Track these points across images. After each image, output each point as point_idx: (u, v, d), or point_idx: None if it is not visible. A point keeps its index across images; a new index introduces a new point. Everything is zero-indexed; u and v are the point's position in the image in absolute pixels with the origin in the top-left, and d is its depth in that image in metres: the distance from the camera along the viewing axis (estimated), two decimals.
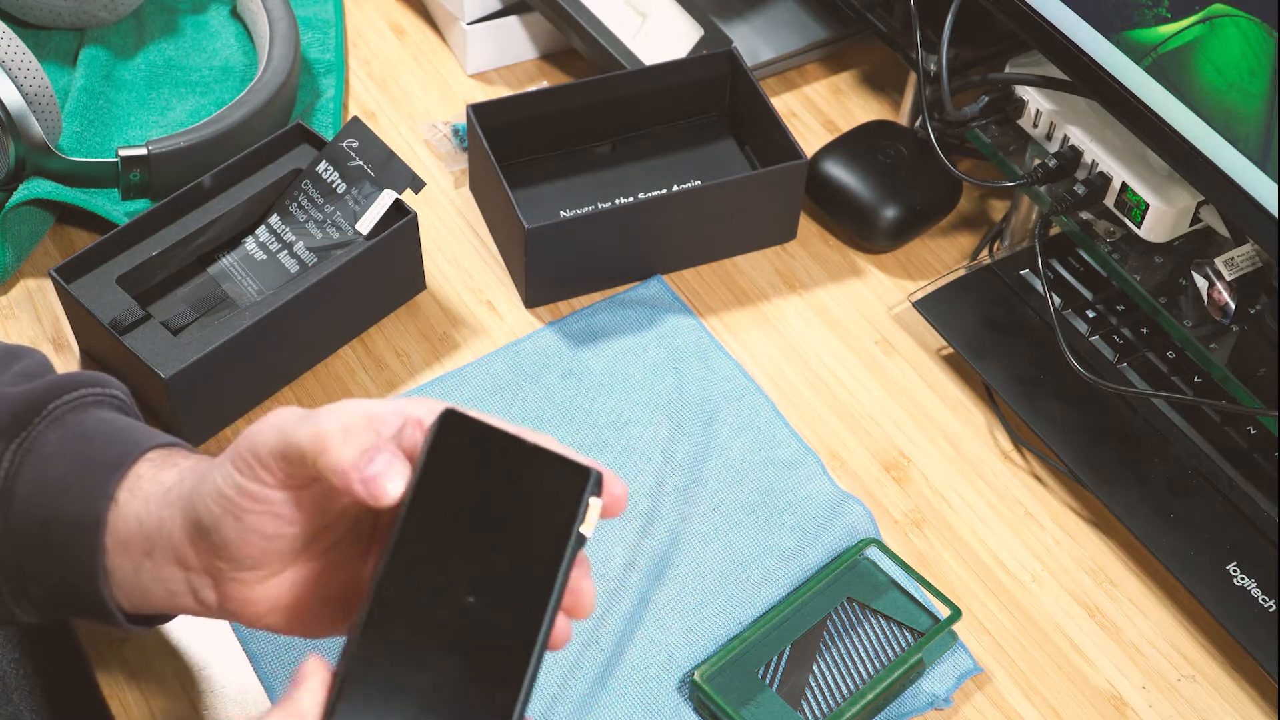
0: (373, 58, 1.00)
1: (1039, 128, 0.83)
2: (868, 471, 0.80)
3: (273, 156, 0.85)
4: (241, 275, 0.82)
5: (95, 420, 0.60)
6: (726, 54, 0.93)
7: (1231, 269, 0.76)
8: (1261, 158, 0.68)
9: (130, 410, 0.64)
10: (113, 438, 0.59)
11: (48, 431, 0.59)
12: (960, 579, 0.76)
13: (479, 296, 0.87)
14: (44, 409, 0.60)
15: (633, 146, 0.93)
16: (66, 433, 0.59)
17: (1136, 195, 0.78)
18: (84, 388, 0.61)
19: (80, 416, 0.60)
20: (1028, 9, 0.79)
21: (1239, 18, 0.67)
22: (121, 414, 0.62)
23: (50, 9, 0.94)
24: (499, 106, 0.88)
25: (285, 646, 0.70)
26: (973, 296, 0.85)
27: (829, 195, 0.90)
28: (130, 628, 0.60)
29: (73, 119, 0.89)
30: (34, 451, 0.59)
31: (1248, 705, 0.72)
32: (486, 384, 0.82)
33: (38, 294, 0.85)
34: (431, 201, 0.91)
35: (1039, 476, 0.80)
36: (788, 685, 0.69)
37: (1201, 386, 0.79)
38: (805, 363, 0.85)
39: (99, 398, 0.62)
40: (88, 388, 0.62)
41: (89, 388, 0.62)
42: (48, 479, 0.58)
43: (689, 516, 0.76)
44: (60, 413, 0.60)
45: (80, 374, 0.62)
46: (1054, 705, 0.71)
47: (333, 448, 0.51)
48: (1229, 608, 0.72)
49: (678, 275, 0.88)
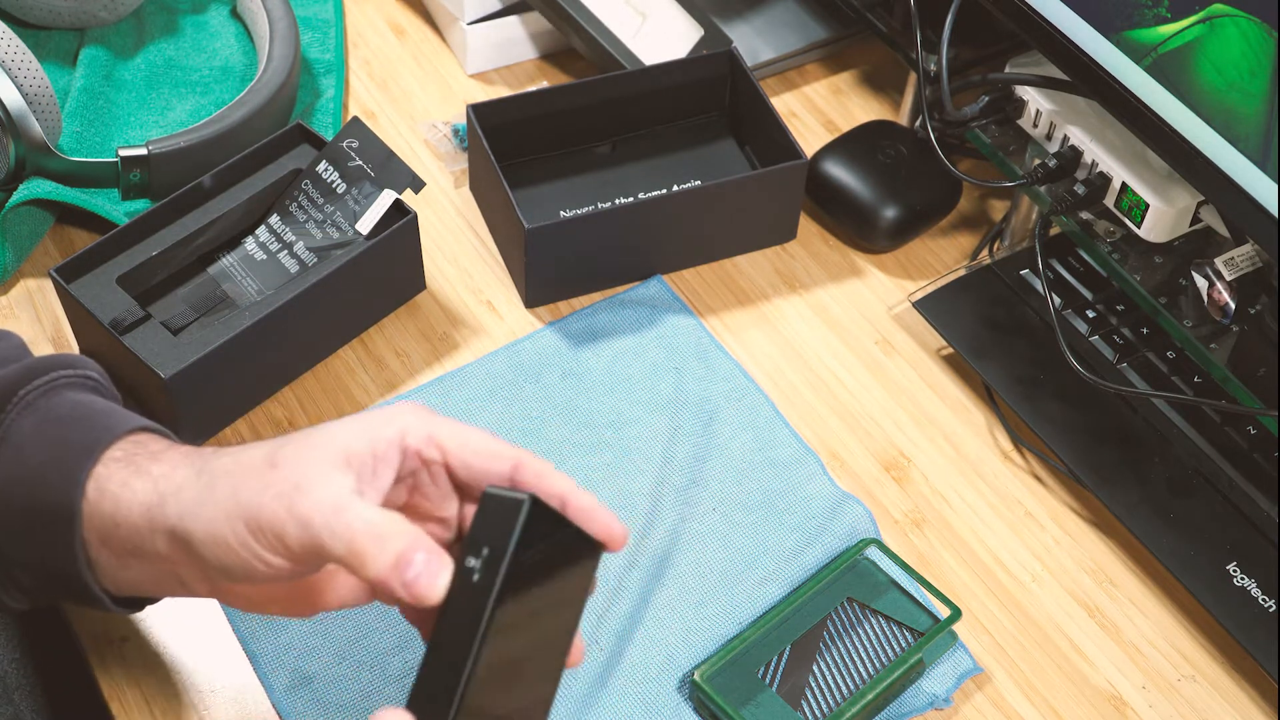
0: (373, 58, 1.00)
1: (1039, 128, 0.83)
2: (868, 471, 0.80)
3: (273, 156, 0.85)
4: (241, 275, 0.82)
5: (69, 404, 0.60)
6: (726, 54, 0.93)
7: (1231, 269, 0.76)
8: (1261, 158, 0.68)
9: (106, 390, 0.63)
10: (84, 423, 0.59)
11: (20, 419, 0.59)
12: (960, 579, 0.76)
13: (479, 296, 0.87)
14: (15, 395, 0.59)
15: (633, 146, 0.93)
16: (39, 419, 0.59)
17: (1136, 195, 0.78)
18: (56, 370, 0.61)
19: (53, 401, 0.60)
20: (1028, 9, 0.78)
21: (1239, 18, 0.67)
22: (96, 395, 0.62)
23: (50, 9, 0.94)
24: (499, 106, 0.88)
25: (285, 646, 0.70)
26: (973, 296, 0.85)
27: (829, 195, 0.90)
28: (118, 611, 0.60)
29: (73, 119, 0.89)
30: (8, 440, 0.59)
31: (1248, 705, 0.72)
32: (486, 384, 0.82)
33: (38, 294, 0.85)
34: (431, 201, 0.91)
35: (1039, 476, 0.80)
36: (788, 685, 0.69)
37: (1201, 386, 0.79)
38: (805, 363, 0.85)
39: (71, 380, 0.61)
40: (60, 370, 0.61)
41: (62, 370, 0.61)
42: (23, 468, 0.58)
43: (689, 516, 0.76)
44: (33, 398, 0.60)
45: (53, 356, 0.62)
46: (1054, 705, 0.71)
47: (369, 560, 0.50)
48: (1229, 608, 0.72)
49: (678, 275, 0.88)
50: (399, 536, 0.51)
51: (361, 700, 0.68)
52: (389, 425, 0.55)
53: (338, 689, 0.69)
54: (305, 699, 0.68)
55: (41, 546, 0.57)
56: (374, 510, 0.52)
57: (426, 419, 0.56)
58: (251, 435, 0.79)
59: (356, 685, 0.69)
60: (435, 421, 0.56)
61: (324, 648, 0.70)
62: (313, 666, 0.69)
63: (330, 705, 0.68)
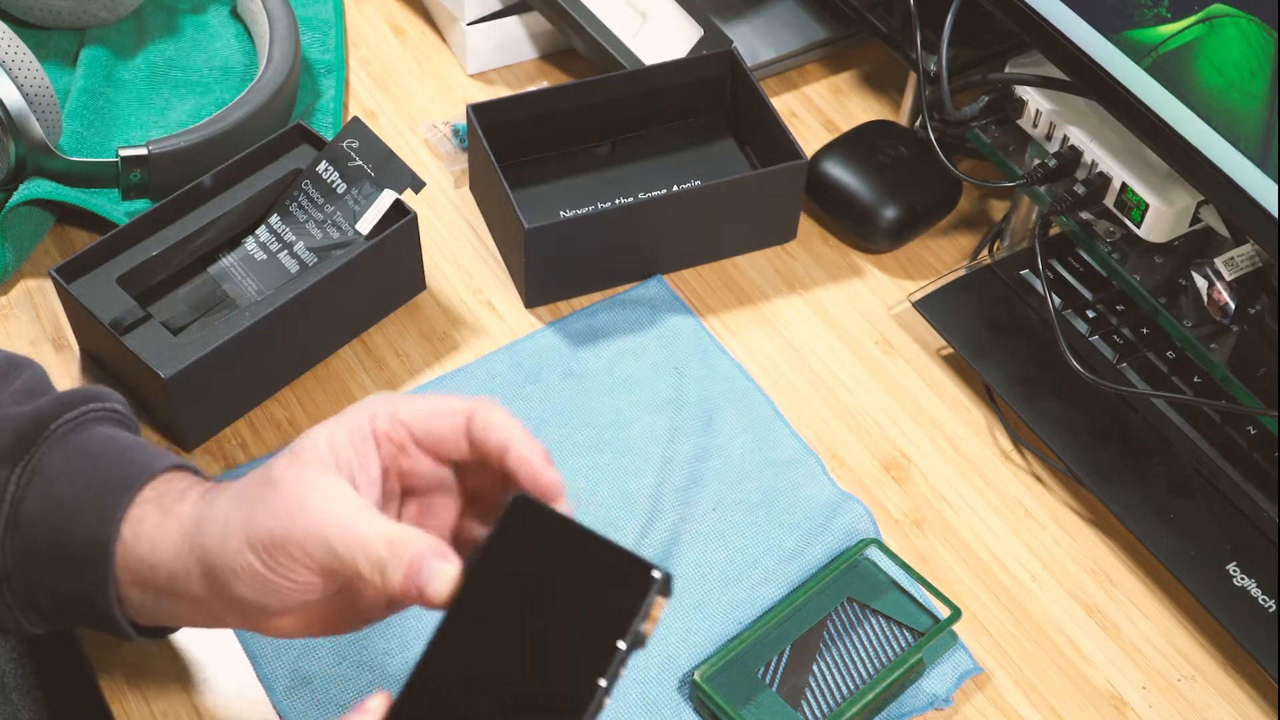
0: (373, 58, 1.00)
1: (1039, 128, 0.83)
2: (868, 471, 0.80)
3: (273, 156, 0.85)
4: (241, 275, 0.82)
5: (100, 439, 0.60)
6: (726, 54, 0.93)
7: (1231, 269, 0.76)
8: (1261, 158, 0.68)
9: (130, 423, 0.64)
10: (116, 459, 0.59)
11: (52, 452, 0.59)
12: (960, 579, 0.76)
13: (479, 296, 0.87)
14: (47, 429, 0.60)
15: (633, 146, 0.93)
16: (71, 453, 0.59)
17: (1136, 195, 0.78)
18: (85, 404, 0.61)
19: (83, 435, 0.60)
20: (1028, 9, 0.78)
21: (1239, 18, 0.67)
22: (123, 428, 0.63)
23: (50, 9, 0.94)
24: (499, 106, 0.88)
25: (285, 647, 0.70)
26: (973, 296, 0.85)
27: (829, 195, 0.90)
28: (141, 639, 0.60)
29: (73, 119, 0.89)
30: (40, 473, 0.59)
31: (1248, 705, 0.72)
32: (486, 384, 0.82)
33: (38, 294, 0.85)
34: (431, 201, 0.91)
35: (1039, 476, 0.80)
36: (788, 685, 0.69)
37: (1201, 386, 0.79)
38: (805, 363, 0.85)
39: (99, 414, 0.62)
40: (88, 404, 0.62)
41: (90, 404, 0.62)
42: (55, 502, 0.58)
43: (689, 516, 0.76)
44: (63, 432, 0.60)
45: (80, 390, 0.62)
46: (1054, 705, 0.71)
47: (389, 571, 0.52)
48: (1229, 608, 0.72)
49: (678, 275, 0.88)
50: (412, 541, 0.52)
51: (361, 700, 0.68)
52: (359, 414, 0.56)
53: (338, 689, 0.69)
54: (305, 699, 0.68)
55: (71, 579, 0.58)
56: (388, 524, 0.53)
57: (389, 400, 0.56)
58: (251, 435, 0.79)
59: (356, 685, 0.69)
60: (396, 399, 0.56)
61: (324, 648, 0.70)
62: (313, 666, 0.69)
63: (330, 705, 0.68)
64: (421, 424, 0.56)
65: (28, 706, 0.76)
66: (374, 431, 0.56)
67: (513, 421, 0.55)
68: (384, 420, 0.56)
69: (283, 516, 0.53)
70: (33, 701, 0.77)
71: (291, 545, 0.53)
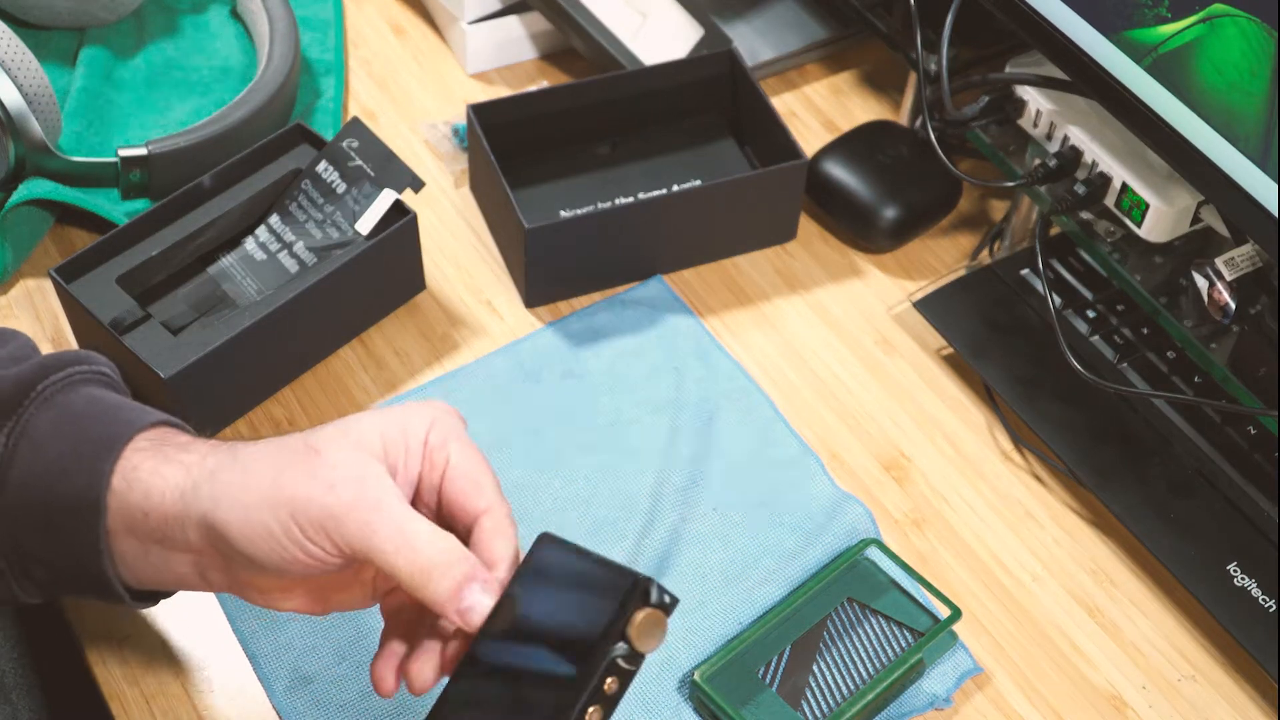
0: (373, 58, 1.00)
1: (1039, 128, 0.83)
2: (868, 471, 0.80)
3: (273, 156, 0.85)
4: (241, 275, 0.82)
5: (85, 399, 0.60)
6: (726, 54, 0.93)
7: (1231, 269, 0.76)
8: (1261, 158, 0.68)
9: (118, 386, 0.64)
10: (103, 417, 0.59)
11: (38, 414, 0.59)
12: (960, 579, 0.76)
13: (479, 296, 0.87)
14: (32, 391, 0.60)
15: (633, 146, 0.93)
16: (57, 414, 0.59)
17: (1136, 195, 0.78)
18: (71, 366, 0.61)
19: (70, 396, 0.60)
20: (1028, 9, 0.78)
21: (1239, 18, 0.67)
22: (110, 390, 0.62)
23: (50, 9, 0.94)
24: (499, 106, 0.88)
25: (285, 646, 0.70)
26: (973, 296, 0.85)
27: (829, 195, 0.90)
28: (133, 604, 0.60)
29: (73, 119, 0.89)
30: (26, 435, 0.59)
31: (1248, 705, 0.72)
32: (486, 384, 0.82)
33: (38, 294, 0.85)
34: (431, 201, 0.91)
35: (1039, 476, 0.80)
36: (788, 685, 0.69)
37: (1201, 386, 0.79)
38: (805, 363, 0.85)
39: (86, 375, 0.62)
40: (75, 366, 0.61)
41: (76, 366, 0.61)
42: (42, 463, 0.58)
43: (689, 516, 0.76)
44: (50, 393, 0.60)
45: (66, 353, 0.62)
46: (1054, 705, 0.71)
47: (433, 583, 0.52)
48: (1229, 608, 0.72)
49: (678, 275, 0.88)
50: (456, 559, 0.53)
51: (361, 700, 0.68)
52: (419, 417, 0.56)
53: (338, 689, 0.69)
54: (305, 699, 0.68)
55: (63, 540, 0.58)
56: (436, 531, 0.53)
57: (451, 421, 0.57)
58: (251, 435, 0.79)
59: (356, 685, 0.69)
60: (459, 429, 0.57)
61: (324, 648, 0.70)
62: (313, 666, 0.69)
63: (330, 705, 0.68)
64: (459, 472, 0.56)
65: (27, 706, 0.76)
66: (427, 439, 0.56)
67: (511, 544, 0.56)
68: (438, 436, 0.56)
69: (322, 487, 0.53)
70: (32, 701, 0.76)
71: (327, 520, 0.52)
